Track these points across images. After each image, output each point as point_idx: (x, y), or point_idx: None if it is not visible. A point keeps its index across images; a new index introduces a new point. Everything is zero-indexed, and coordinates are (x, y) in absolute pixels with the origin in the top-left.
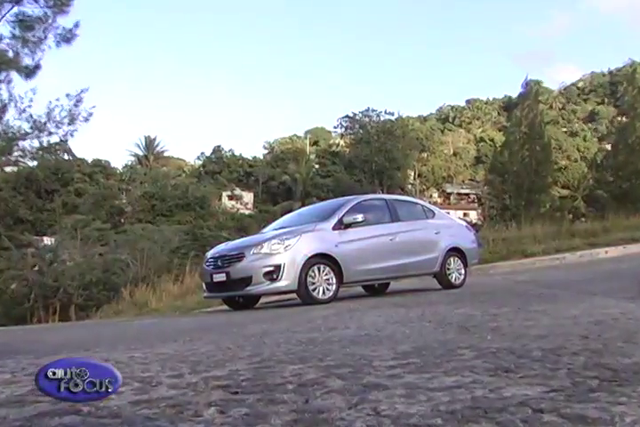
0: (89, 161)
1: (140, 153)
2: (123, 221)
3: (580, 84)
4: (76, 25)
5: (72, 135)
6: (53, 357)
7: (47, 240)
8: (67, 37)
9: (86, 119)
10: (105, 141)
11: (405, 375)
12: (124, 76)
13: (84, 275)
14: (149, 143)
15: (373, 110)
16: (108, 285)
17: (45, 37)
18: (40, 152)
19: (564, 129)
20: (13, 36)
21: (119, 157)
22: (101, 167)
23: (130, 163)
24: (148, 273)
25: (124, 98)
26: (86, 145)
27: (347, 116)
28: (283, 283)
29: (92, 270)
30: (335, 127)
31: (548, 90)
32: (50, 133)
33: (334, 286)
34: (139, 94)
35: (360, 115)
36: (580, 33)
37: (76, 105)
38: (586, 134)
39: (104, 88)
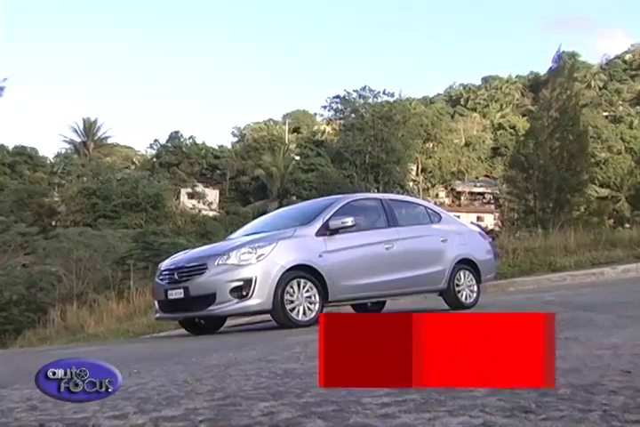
0: (9, 148)
1: (78, 139)
2: (54, 223)
3: (628, 57)
4: None
5: None
6: None
7: None
8: None
9: None
10: (31, 124)
11: (401, 415)
12: (56, 46)
13: (2, 292)
14: (89, 127)
15: (371, 90)
16: (34, 304)
17: None
18: None
19: (606, 113)
20: None
21: (50, 143)
22: (26, 156)
23: (64, 151)
24: (85, 289)
25: (56, 72)
26: (6, 128)
27: (337, 97)
28: (254, 301)
29: (13, 286)
30: (323, 108)
31: (587, 64)
32: None
33: (317, 306)
34: (75, 68)
35: (354, 94)
36: None
37: None
38: (633, 120)
39: (29, 60)
